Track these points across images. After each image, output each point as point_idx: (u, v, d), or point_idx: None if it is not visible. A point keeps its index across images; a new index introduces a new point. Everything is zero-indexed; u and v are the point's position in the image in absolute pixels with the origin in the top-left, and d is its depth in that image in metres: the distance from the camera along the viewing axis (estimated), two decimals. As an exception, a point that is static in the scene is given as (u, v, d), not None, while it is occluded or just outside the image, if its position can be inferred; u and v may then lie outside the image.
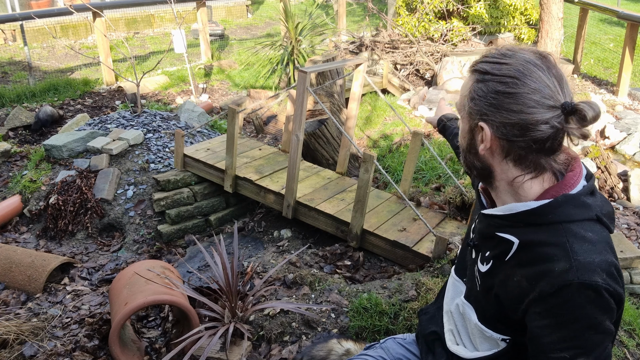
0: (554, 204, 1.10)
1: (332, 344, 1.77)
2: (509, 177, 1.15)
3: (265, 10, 13.22)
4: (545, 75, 1.06)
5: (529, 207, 1.12)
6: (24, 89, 6.76)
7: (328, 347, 1.76)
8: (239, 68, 8.43)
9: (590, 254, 1.06)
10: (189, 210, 4.32)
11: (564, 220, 1.09)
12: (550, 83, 1.05)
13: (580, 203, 1.10)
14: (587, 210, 1.10)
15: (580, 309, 1.06)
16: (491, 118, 1.09)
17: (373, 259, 3.45)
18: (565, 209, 1.10)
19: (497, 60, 1.09)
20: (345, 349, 1.72)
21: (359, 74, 4.04)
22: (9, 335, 2.46)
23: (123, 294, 2.40)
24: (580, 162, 1.17)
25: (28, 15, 7.01)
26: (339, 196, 3.89)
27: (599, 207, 1.12)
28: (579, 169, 1.14)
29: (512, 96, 1.05)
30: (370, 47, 7.71)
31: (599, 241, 1.09)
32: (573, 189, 1.11)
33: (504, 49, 1.12)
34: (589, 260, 1.06)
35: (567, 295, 1.07)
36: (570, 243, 1.08)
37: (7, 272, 3.17)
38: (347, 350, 1.72)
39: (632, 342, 2.46)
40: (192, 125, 5.44)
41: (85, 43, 9.55)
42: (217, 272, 2.57)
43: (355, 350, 1.71)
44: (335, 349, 1.74)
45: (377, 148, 5.67)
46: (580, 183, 1.12)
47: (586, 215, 1.10)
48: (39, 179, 4.44)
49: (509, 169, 1.14)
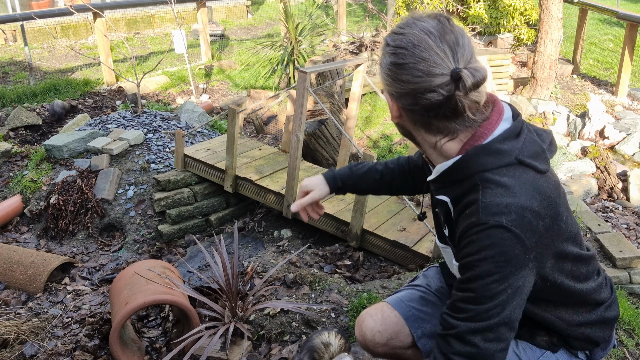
0: (466, 158, 1.12)
1: (326, 331, 1.80)
2: (429, 142, 1.17)
3: (266, 11, 13.23)
4: (436, 43, 1.06)
5: (447, 166, 1.15)
6: (25, 89, 6.77)
7: (322, 332, 1.80)
8: (239, 68, 8.44)
9: (500, 197, 1.07)
10: (190, 210, 4.32)
11: (478, 170, 1.11)
12: (440, 51, 1.05)
13: (493, 151, 1.10)
14: (503, 156, 1.10)
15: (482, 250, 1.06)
16: (390, 88, 1.12)
17: (373, 259, 3.46)
18: (478, 160, 1.11)
19: (396, 31, 1.11)
20: (328, 341, 1.74)
21: (359, 74, 4.04)
22: (10, 335, 2.47)
23: (123, 293, 2.40)
24: (500, 106, 1.15)
25: (28, 15, 7.02)
26: (339, 196, 3.89)
27: (518, 150, 1.11)
28: (497, 115, 1.13)
29: (401, 67, 1.07)
30: (370, 48, 7.71)
31: (516, 184, 1.09)
32: (488, 138, 1.11)
33: (408, 17, 1.12)
34: (496, 202, 1.07)
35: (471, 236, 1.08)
36: (483, 191, 1.09)
37: (8, 271, 3.18)
38: (329, 343, 1.73)
39: (632, 342, 2.46)
40: (192, 125, 5.45)
41: (85, 43, 9.56)
42: (217, 272, 2.57)
43: (332, 351, 1.73)
44: (323, 335, 1.77)
45: (377, 148, 5.68)
46: (497, 129, 1.12)
47: (503, 162, 1.10)
48: (39, 179, 4.44)
49: (423, 135, 1.16)
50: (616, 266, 2.93)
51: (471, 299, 1.08)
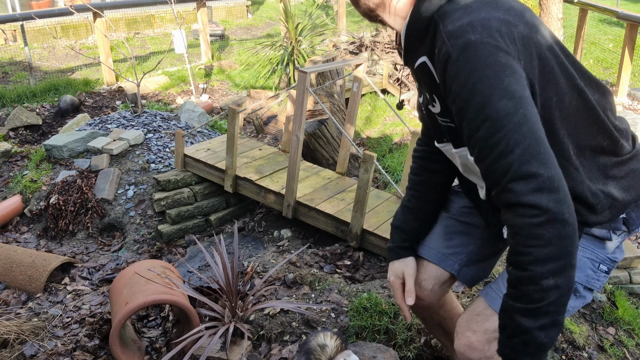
0: (418, 4, 1.15)
1: (321, 333, 1.80)
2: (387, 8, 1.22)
3: (266, 11, 13.22)
4: None
5: (407, 21, 1.18)
6: (25, 89, 6.77)
7: (318, 334, 1.80)
8: (239, 68, 8.44)
9: (460, 19, 1.07)
10: (190, 210, 4.32)
11: (434, 9, 1.13)
12: None
13: None
14: None
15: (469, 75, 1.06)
16: None
17: (373, 259, 3.46)
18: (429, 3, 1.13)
19: None
20: (324, 343, 1.74)
21: (359, 74, 4.04)
22: (10, 335, 2.47)
23: (123, 293, 2.40)
24: None
25: (28, 15, 7.01)
26: (339, 196, 3.89)
27: None
28: None
29: None
30: (370, 48, 7.71)
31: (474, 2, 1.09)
32: None
33: None
34: (457, 25, 1.07)
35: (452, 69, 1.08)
36: (442, 23, 1.10)
37: (8, 271, 3.18)
38: (324, 345, 1.73)
39: (632, 342, 2.46)
40: (192, 125, 5.45)
41: (85, 43, 9.56)
42: (217, 272, 2.57)
43: (329, 352, 1.73)
44: (319, 337, 1.77)
45: (377, 148, 5.68)
46: None
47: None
48: (39, 179, 4.44)
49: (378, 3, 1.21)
50: (617, 266, 2.93)
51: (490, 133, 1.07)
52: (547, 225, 1.07)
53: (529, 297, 1.11)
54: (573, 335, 2.36)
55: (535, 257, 1.09)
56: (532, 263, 1.09)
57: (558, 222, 1.08)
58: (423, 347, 2.34)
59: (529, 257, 1.10)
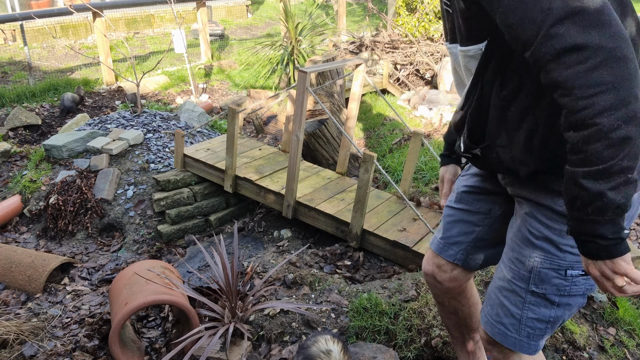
0: None
1: (321, 338, 1.76)
2: None
3: (265, 11, 13.22)
4: None
5: None
6: (24, 89, 6.76)
7: (316, 339, 1.76)
8: (239, 68, 8.43)
9: None
10: (189, 210, 4.32)
11: None
12: None
13: None
14: None
15: None
16: None
17: (373, 259, 3.45)
18: None
19: None
20: (327, 348, 1.71)
21: (359, 74, 4.04)
22: (9, 335, 2.46)
23: (123, 294, 2.40)
24: None
25: (28, 15, 7.00)
26: (339, 196, 3.89)
27: None
28: None
29: None
30: (370, 47, 7.71)
31: None
32: None
33: None
34: None
35: None
36: None
37: (7, 272, 3.17)
38: (328, 351, 1.70)
39: (632, 342, 2.46)
40: (192, 125, 5.45)
41: (85, 43, 9.55)
42: (217, 272, 2.57)
43: (337, 356, 1.70)
44: (320, 343, 1.73)
45: (377, 148, 5.67)
46: None
47: None
48: (39, 179, 4.44)
49: None
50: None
51: None
52: (606, 66, 0.96)
53: (597, 156, 0.99)
54: (574, 336, 2.36)
55: (598, 108, 0.97)
56: (597, 115, 0.97)
57: (617, 60, 0.96)
58: (423, 348, 2.34)
59: (592, 110, 0.97)
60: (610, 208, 1.02)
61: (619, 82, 0.96)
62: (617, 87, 0.96)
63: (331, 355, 1.67)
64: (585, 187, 1.02)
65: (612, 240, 1.05)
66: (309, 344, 1.73)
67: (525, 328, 1.37)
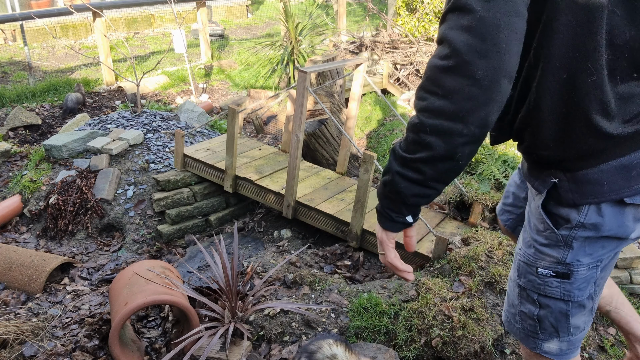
0: None
1: (324, 343, 1.75)
2: None
3: (265, 10, 13.22)
4: None
5: None
6: (24, 89, 6.76)
7: (319, 344, 1.75)
8: (239, 68, 8.44)
9: None
10: (189, 210, 4.32)
11: None
12: None
13: None
14: None
15: None
16: None
17: (373, 259, 3.45)
18: None
19: None
20: (332, 353, 1.70)
21: (359, 74, 4.04)
22: (9, 335, 2.46)
23: (123, 294, 2.40)
24: None
25: (28, 15, 7.01)
26: (339, 196, 3.89)
27: None
28: None
29: None
30: (370, 47, 7.71)
31: None
32: None
33: None
34: None
35: None
36: None
37: (7, 272, 3.17)
38: (334, 355, 1.69)
39: (632, 342, 2.45)
40: (192, 125, 5.45)
41: (85, 43, 9.55)
42: (217, 272, 2.57)
43: (342, 357, 1.69)
44: (324, 349, 1.72)
45: (377, 148, 5.67)
46: None
47: None
48: (39, 179, 4.43)
49: None
50: (617, 266, 2.92)
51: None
52: (452, 72, 0.95)
53: (406, 144, 1.06)
54: (573, 336, 2.36)
55: (426, 105, 1.00)
56: (422, 110, 1.01)
57: (465, 75, 0.94)
58: (423, 348, 2.34)
59: (422, 103, 1.01)
60: (391, 186, 1.11)
61: (456, 95, 0.96)
62: (453, 99, 0.96)
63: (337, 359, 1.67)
64: (390, 157, 1.12)
65: (385, 212, 1.17)
66: (313, 350, 1.72)
67: (521, 321, 1.37)
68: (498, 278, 2.55)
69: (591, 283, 1.24)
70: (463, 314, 2.37)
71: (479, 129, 0.99)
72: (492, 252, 2.72)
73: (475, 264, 2.65)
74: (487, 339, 2.28)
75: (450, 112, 0.97)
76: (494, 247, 2.75)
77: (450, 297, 2.49)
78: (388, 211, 1.17)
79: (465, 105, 0.96)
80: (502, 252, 2.71)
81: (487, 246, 2.76)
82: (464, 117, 0.97)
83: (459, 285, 2.59)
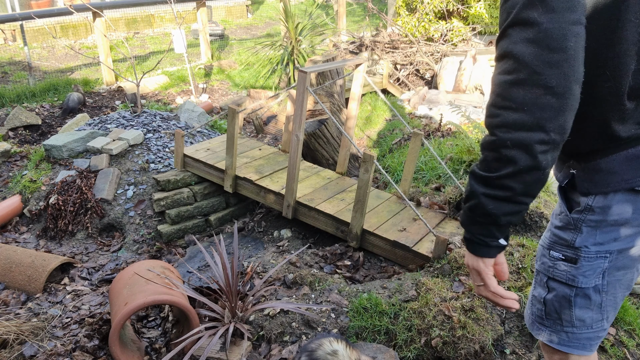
0: None
1: (324, 340, 1.76)
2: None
3: (265, 10, 13.22)
4: None
5: None
6: (24, 89, 6.76)
7: (320, 342, 1.76)
8: (239, 68, 8.44)
9: None
10: (189, 210, 4.32)
11: None
12: None
13: None
14: None
15: None
16: None
17: (373, 259, 3.45)
18: None
19: None
20: (332, 349, 1.71)
21: (359, 74, 4.04)
22: (9, 335, 2.46)
23: (123, 294, 2.40)
24: None
25: (28, 15, 7.01)
26: (339, 196, 3.89)
27: None
28: None
29: None
30: (370, 47, 7.71)
31: None
32: None
33: None
34: None
35: None
36: None
37: (7, 272, 3.17)
38: (334, 351, 1.70)
39: (632, 342, 2.46)
40: (192, 125, 5.45)
41: (85, 43, 9.55)
42: (217, 272, 2.57)
43: (344, 353, 1.70)
44: (325, 346, 1.73)
45: (377, 148, 5.67)
46: None
47: None
48: (39, 179, 4.44)
49: None
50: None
51: None
52: (523, 85, 0.98)
53: (486, 163, 1.08)
54: (574, 336, 2.36)
55: (502, 121, 1.02)
56: (498, 127, 1.03)
57: (538, 86, 0.98)
58: (423, 348, 2.34)
59: (496, 120, 1.03)
60: (481, 210, 1.11)
61: (531, 106, 0.98)
62: (528, 110, 0.99)
63: (338, 355, 1.68)
64: (472, 183, 1.13)
65: (477, 239, 1.17)
66: (314, 347, 1.72)
67: (531, 306, 1.40)
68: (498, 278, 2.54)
69: (597, 273, 1.25)
70: (463, 314, 2.37)
71: (559, 136, 1.02)
72: (492, 252, 2.72)
73: (475, 264, 2.65)
74: (487, 339, 2.28)
75: (529, 123, 1.00)
76: (494, 247, 2.75)
77: (450, 297, 2.49)
78: (481, 237, 1.16)
79: (543, 115, 0.99)
80: (502, 252, 2.71)
81: (487, 246, 2.76)
82: (544, 126, 1.00)
83: (459, 285, 2.59)
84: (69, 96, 6.40)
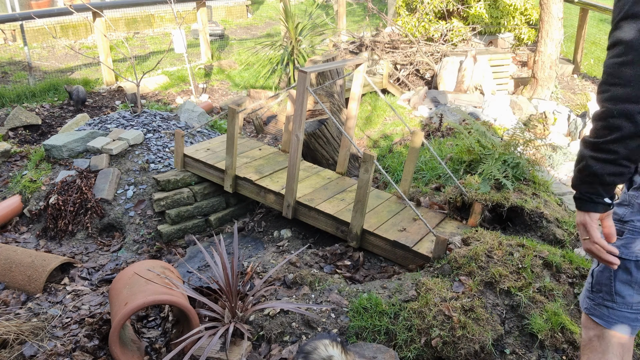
0: None
1: (320, 344, 1.75)
2: None
3: (265, 10, 13.22)
4: None
5: None
6: (24, 89, 6.76)
7: (315, 345, 1.75)
8: (239, 68, 8.44)
9: None
10: (189, 210, 4.32)
11: None
12: None
13: None
14: None
15: None
16: None
17: (373, 259, 3.45)
18: None
19: None
20: (328, 354, 1.70)
21: (359, 74, 4.04)
22: (9, 335, 2.46)
23: (123, 294, 2.40)
24: None
25: (28, 15, 7.01)
26: (339, 196, 3.89)
27: None
28: None
29: None
30: (370, 47, 7.71)
31: None
32: None
33: None
34: None
35: None
36: None
37: (7, 272, 3.17)
38: (330, 357, 1.69)
39: (632, 342, 2.45)
40: (192, 125, 5.45)
41: (85, 43, 9.55)
42: (217, 272, 2.57)
43: (339, 358, 1.69)
44: (320, 350, 1.72)
45: (377, 148, 5.67)
46: None
47: None
48: (39, 179, 4.44)
49: None
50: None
51: None
52: (631, 65, 1.18)
53: (596, 131, 1.27)
54: (573, 336, 2.36)
55: (611, 95, 1.22)
56: (607, 100, 1.23)
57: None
58: (423, 348, 2.34)
59: (606, 95, 1.24)
60: (587, 171, 1.32)
61: (635, 82, 1.19)
62: (634, 86, 1.19)
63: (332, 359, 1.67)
64: (582, 149, 1.34)
65: (585, 196, 1.36)
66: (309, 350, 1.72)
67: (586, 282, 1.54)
68: (498, 278, 2.55)
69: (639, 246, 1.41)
70: (463, 314, 2.37)
71: None
72: (492, 252, 2.72)
73: (475, 264, 2.65)
74: (487, 339, 2.28)
75: (634, 96, 1.20)
76: (493, 247, 2.75)
77: (450, 297, 2.49)
78: (587, 194, 1.34)
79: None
80: (502, 252, 2.72)
81: (487, 246, 2.76)
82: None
83: (459, 285, 2.59)
84: (76, 87, 6.48)
